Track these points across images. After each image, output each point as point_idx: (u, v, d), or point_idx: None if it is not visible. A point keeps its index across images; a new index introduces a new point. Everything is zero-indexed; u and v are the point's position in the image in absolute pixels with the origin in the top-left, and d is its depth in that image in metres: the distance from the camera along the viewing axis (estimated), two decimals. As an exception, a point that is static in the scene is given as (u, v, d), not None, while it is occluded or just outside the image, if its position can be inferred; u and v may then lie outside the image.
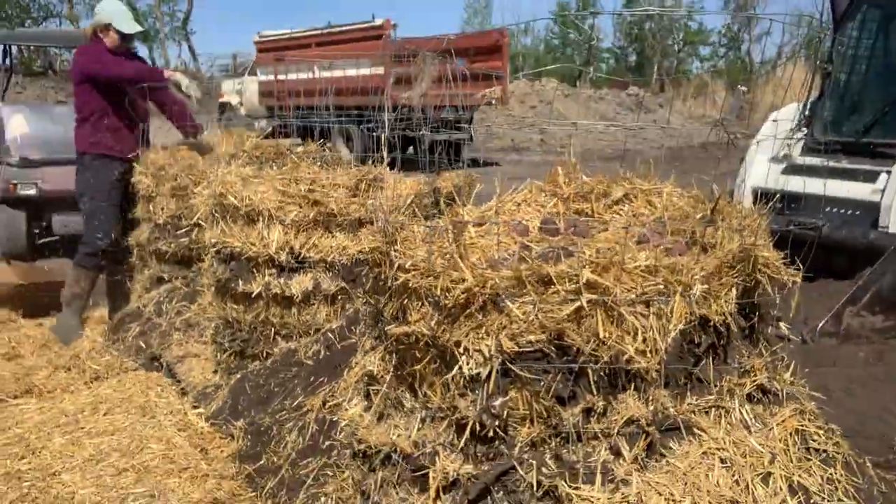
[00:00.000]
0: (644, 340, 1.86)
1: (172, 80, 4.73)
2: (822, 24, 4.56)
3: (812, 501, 1.83)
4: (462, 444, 1.91)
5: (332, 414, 2.51)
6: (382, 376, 2.23)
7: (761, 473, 1.85)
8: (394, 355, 2.19)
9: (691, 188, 2.39)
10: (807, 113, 4.93)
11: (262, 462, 2.61)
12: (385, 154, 3.77)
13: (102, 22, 4.72)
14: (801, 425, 2.00)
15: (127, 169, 4.83)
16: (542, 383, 1.85)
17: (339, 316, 3.24)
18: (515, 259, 1.94)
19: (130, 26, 4.78)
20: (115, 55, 4.73)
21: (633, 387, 1.92)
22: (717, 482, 1.81)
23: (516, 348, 1.82)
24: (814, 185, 4.32)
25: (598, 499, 1.78)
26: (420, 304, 1.99)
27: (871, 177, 4.28)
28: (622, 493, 1.80)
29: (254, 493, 2.53)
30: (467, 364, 1.86)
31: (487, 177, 3.01)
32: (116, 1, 5.00)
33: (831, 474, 1.92)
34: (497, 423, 1.87)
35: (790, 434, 1.97)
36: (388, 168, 3.63)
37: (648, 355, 1.87)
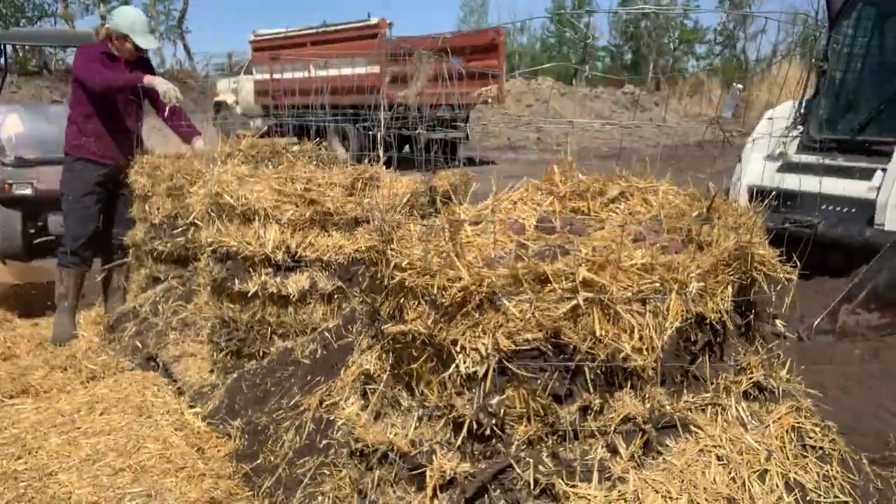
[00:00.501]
0: (640, 338, 1.87)
1: (147, 86, 4.61)
2: (817, 22, 4.57)
3: (808, 498, 1.84)
4: (459, 442, 1.92)
5: (328, 413, 2.51)
6: (379, 375, 2.23)
7: (758, 470, 1.85)
8: (391, 354, 2.19)
9: (687, 186, 2.40)
10: (802, 111, 4.94)
11: (258, 461, 2.61)
12: (381, 153, 3.77)
13: (120, 31, 4.70)
14: (798, 422, 2.01)
15: (110, 173, 4.80)
16: (539, 381, 1.86)
17: (336, 315, 3.24)
18: (512, 257, 1.95)
19: (147, 41, 4.79)
20: (113, 59, 4.71)
21: (629, 385, 1.92)
22: (714, 479, 1.82)
23: (513, 347, 1.83)
24: (809, 183, 4.33)
25: (595, 497, 1.79)
26: (416, 302, 1.99)
27: (866, 174, 4.29)
28: (619, 491, 1.80)
29: (251, 493, 2.53)
30: (464, 363, 1.86)
31: (484, 175, 3.01)
32: (138, 11, 5.04)
33: (827, 471, 1.92)
34: (494, 421, 1.87)
35: (786, 431, 1.97)
36: (383, 167, 3.63)
37: (645, 353, 1.88)
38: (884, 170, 4.18)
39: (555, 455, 1.86)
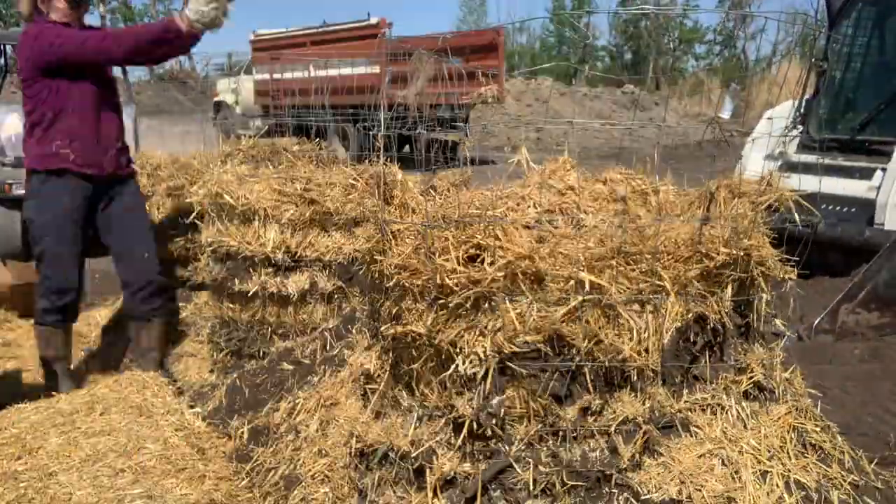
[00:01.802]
0: (640, 340, 1.87)
1: (195, 24, 3.18)
2: (816, 22, 4.57)
3: (809, 498, 1.84)
4: (459, 442, 1.92)
5: (328, 413, 2.51)
6: (379, 375, 2.23)
7: (758, 470, 1.85)
8: (391, 354, 2.19)
9: (687, 186, 2.40)
10: (802, 111, 4.94)
11: (259, 462, 2.61)
12: (381, 153, 3.76)
13: None
14: (798, 422, 2.01)
15: (98, 189, 3.49)
16: (539, 382, 1.86)
17: (336, 315, 3.24)
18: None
19: None
20: (69, 28, 3.42)
21: (629, 385, 1.93)
22: (714, 479, 1.81)
23: (514, 348, 1.83)
24: (809, 183, 4.33)
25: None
26: (416, 303, 1.99)
27: (866, 174, 4.29)
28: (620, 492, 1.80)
29: (251, 494, 2.52)
30: (464, 364, 1.86)
31: (483, 175, 3.01)
32: None
33: (828, 471, 1.92)
34: (494, 421, 1.87)
35: (787, 431, 1.97)
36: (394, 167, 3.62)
37: (645, 354, 1.88)
38: (884, 169, 4.18)
39: (555, 455, 1.86)
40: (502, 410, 1.87)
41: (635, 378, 1.92)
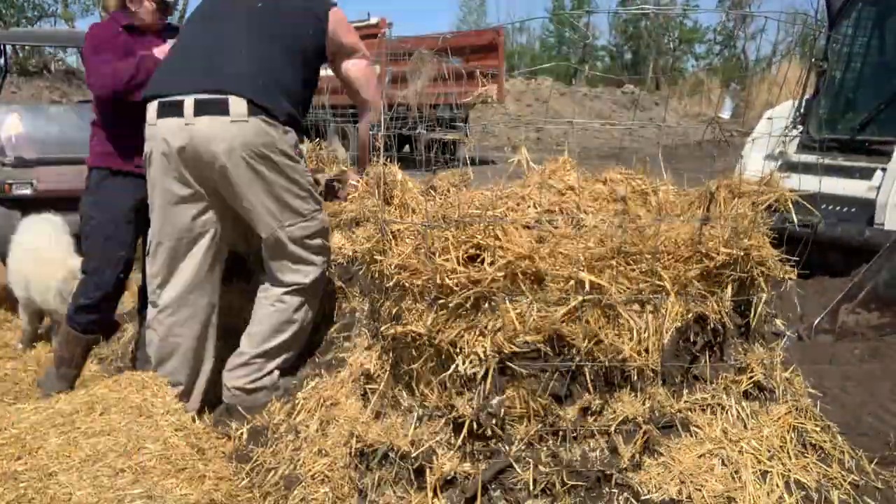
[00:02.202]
0: (640, 340, 1.87)
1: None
2: (816, 22, 4.57)
3: (809, 498, 1.84)
4: (459, 442, 1.92)
5: (329, 413, 2.51)
6: (379, 375, 2.23)
7: (758, 470, 1.85)
8: (391, 354, 2.19)
9: (687, 186, 2.40)
10: (802, 111, 4.94)
11: (259, 462, 2.61)
12: (381, 153, 3.76)
13: None
14: (798, 422, 2.01)
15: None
16: (540, 382, 1.86)
17: (336, 315, 3.23)
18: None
19: None
20: (138, 34, 3.26)
21: (629, 385, 1.93)
22: (714, 479, 1.82)
23: (514, 348, 1.83)
24: (809, 183, 4.33)
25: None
26: (416, 303, 1.99)
27: (866, 174, 4.29)
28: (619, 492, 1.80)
29: (251, 494, 2.52)
30: (464, 364, 1.86)
31: (483, 175, 3.01)
32: None
33: (828, 471, 1.92)
34: (494, 421, 1.87)
35: (787, 431, 1.97)
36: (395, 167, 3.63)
37: (645, 354, 1.88)
38: (884, 169, 4.18)
39: (555, 455, 1.86)
40: (502, 410, 1.87)
41: (635, 378, 1.92)
